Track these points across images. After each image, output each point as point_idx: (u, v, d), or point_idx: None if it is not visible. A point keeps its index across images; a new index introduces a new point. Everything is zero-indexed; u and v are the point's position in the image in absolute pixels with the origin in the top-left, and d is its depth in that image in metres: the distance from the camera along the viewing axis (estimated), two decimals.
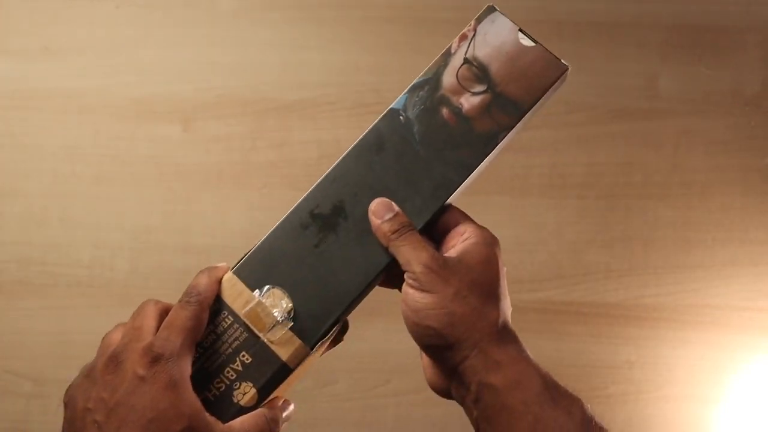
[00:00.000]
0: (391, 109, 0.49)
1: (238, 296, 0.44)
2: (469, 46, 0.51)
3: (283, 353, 0.43)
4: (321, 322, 0.46)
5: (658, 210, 0.68)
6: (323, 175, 0.47)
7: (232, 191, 0.68)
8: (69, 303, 0.69)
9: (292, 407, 0.45)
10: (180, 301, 0.43)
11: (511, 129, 0.49)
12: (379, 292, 0.71)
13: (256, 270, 0.46)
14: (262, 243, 0.47)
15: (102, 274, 0.69)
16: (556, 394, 0.44)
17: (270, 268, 0.46)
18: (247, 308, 0.43)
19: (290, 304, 0.45)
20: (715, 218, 0.68)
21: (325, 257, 0.47)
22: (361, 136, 0.48)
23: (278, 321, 0.43)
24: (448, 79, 0.50)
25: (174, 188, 0.68)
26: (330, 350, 0.48)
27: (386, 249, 0.45)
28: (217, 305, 0.44)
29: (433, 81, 0.50)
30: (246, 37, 0.67)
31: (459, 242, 0.46)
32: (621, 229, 0.68)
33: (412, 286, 0.43)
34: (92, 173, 0.68)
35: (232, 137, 0.68)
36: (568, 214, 0.68)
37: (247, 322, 0.43)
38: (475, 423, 0.44)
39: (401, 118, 0.49)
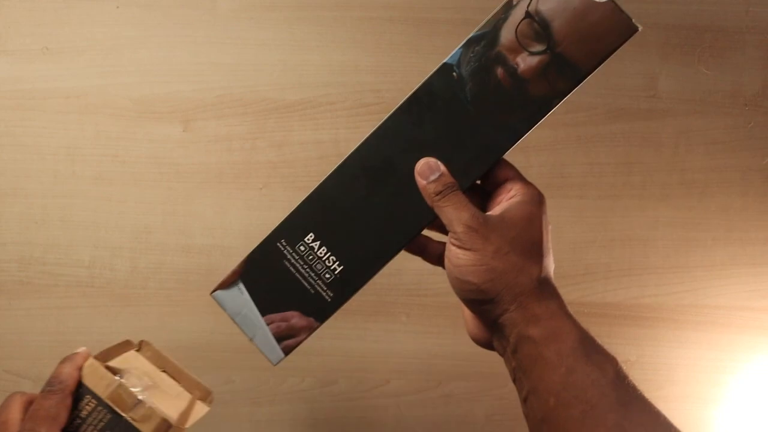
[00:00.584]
0: (444, 63, 0.47)
1: (100, 380, 0.46)
2: (527, 3, 0.46)
3: (147, 428, 0.45)
4: (364, 274, 0.49)
5: (658, 210, 0.68)
6: (374, 128, 0.48)
7: (232, 191, 0.68)
8: (69, 303, 0.69)
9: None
10: (42, 391, 0.45)
11: (567, 95, 0.46)
12: (378, 293, 0.71)
13: (307, 216, 0.49)
14: (313, 192, 0.49)
15: (102, 274, 0.69)
16: (591, 350, 0.45)
17: (321, 216, 0.49)
18: (110, 390, 0.45)
19: (144, 384, 0.48)
20: (715, 218, 0.68)
21: (373, 209, 0.48)
22: (413, 91, 0.47)
23: (139, 399, 0.45)
24: (507, 34, 0.47)
25: (174, 188, 0.68)
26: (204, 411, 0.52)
27: (431, 207, 0.46)
28: (80, 391, 0.46)
29: (490, 35, 0.46)
30: (246, 37, 0.67)
31: (505, 199, 0.46)
32: (621, 229, 0.68)
33: (454, 244, 0.44)
34: (92, 173, 0.68)
35: (232, 137, 0.68)
36: (568, 214, 0.68)
37: (110, 403, 0.45)
38: (513, 373, 0.45)
39: (454, 74, 0.47)
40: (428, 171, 0.46)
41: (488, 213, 0.46)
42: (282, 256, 0.50)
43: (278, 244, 0.50)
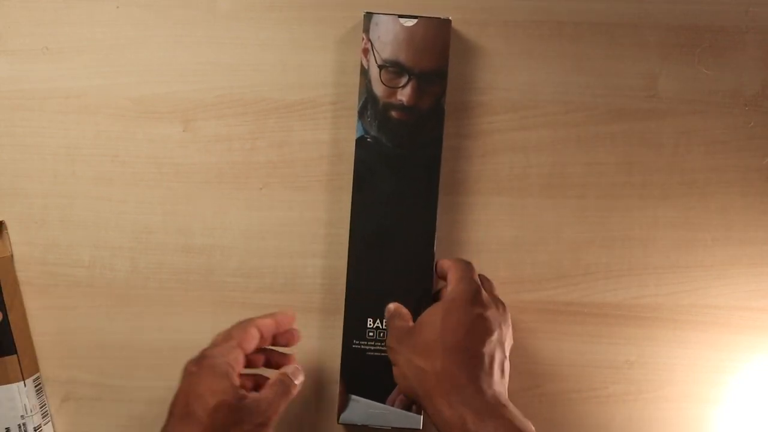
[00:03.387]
0: (358, 138, 0.60)
1: None
2: (375, 55, 0.59)
3: None
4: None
5: (658, 210, 0.68)
6: (351, 208, 0.61)
7: (232, 191, 0.68)
8: (69, 303, 0.69)
9: (301, 377, 0.58)
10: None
11: (445, 91, 0.60)
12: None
13: (357, 308, 0.61)
14: (348, 285, 0.61)
15: (102, 274, 0.69)
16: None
17: (366, 299, 0.61)
18: None
19: None
20: (715, 218, 0.68)
21: (394, 266, 0.60)
22: (353, 171, 0.60)
23: None
24: (378, 89, 0.59)
25: (174, 188, 0.68)
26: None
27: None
28: None
29: (370, 99, 0.59)
30: (246, 38, 0.67)
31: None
32: (621, 229, 0.68)
33: (391, 363, 0.56)
34: (92, 173, 0.68)
35: (232, 137, 0.68)
36: (568, 214, 0.68)
37: None
38: None
39: (368, 139, 0.59)
40: (386, 313, 0.59)
41: (408, 326, 0.56)
42: (361, 352, 0.60)
43: (353, 346, 0.60)
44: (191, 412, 0.50)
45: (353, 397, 0.60)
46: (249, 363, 0.58)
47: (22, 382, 0.67)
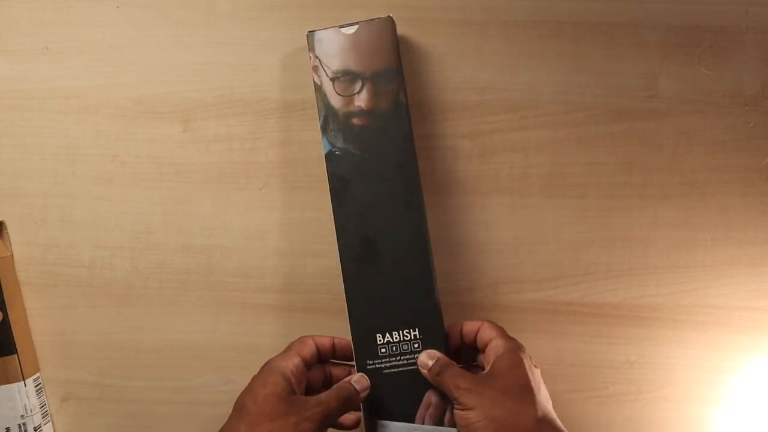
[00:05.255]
0: (326, 154, 0.59)
1: None
2: (324, 70, 0.59)
3: None
4: (431, 311, 0.58)
5: (658, 210, 0.68)
6: (335, 228, 0.59)
7: (232, 191, 0.68)
8: (69, 303, 0.69)
9: (366, 384, 0.58)
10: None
11: (404, 87, 0.59)
12: None
13: (363, 327, 0.59)
14: (348, 303, 0.59)
15: (102, 274, 0.69)
16: None
17: (370, 314, 0.58)
18: None
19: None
20: (715, 218, 0.68)
21: (389, 269, 0.58)
22: (329, 189, 0.58)
23: None
24: (336, 100, 0.59)
25: (174, 188, 0.68)
26: None
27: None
28: None
29: (329, 112, 0.59)
30: (246, 37, 0.67)
31: (491, 356, 0.55)
32: (621, 229, 0.68)
33: (458, 409, 0.52)
34: (92, 173, 0.68)
35: (232, 137, 0.68)
36: (568, 214, 0.68)
37: None
38: None
39: (337, 153, 0.58)
40: (427, 359, 0.57)
41: (479, 374, 0.55)
42: (378, 371, 0.58)
43: (368, 367, 0.58)
44: (243, 405, 0.53)
45: (381, 422, 0.58)
46: (312, 379, 0.59)
47: (22, 382, 0.67)
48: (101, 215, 0.69)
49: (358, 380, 0.57)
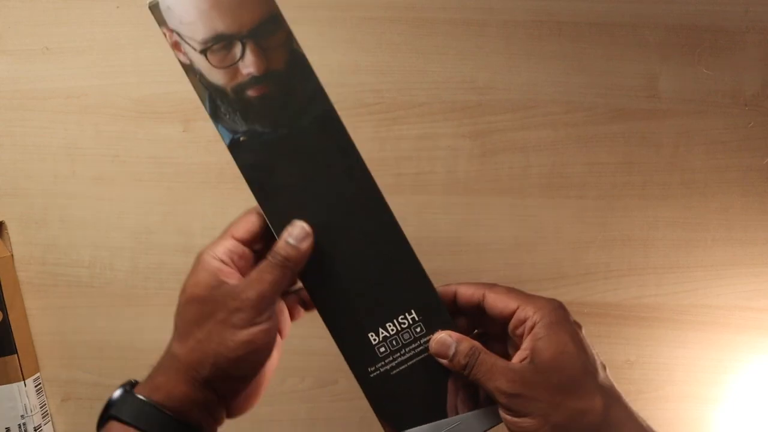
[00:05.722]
0: (229, 145, 0.46)
1: None
2: (188, 44, 0.47)
3: None
4: (425, 290, 0.47)
5: (658, 210, 0.68)
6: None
7: (232, 191, 0.68)
8: (69, 303, 0.69)
9: (301, 228, 0.45)
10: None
11: (292, 34, 0.47)
12: None
13: (351, 328, 0.48)
14: (323, 302, 0.48)
15: (102, 274, 0.69)
16: None
17: (356, 309, 0.47)
18: None
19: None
20: (715, 218, 0.68)
21: (366, 249, 0.47)
22: (248, 184, 0.46)
23: None
24: (217, 75, 0.47)
25: (174, 188, 0.68)
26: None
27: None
28: None
29: (215, 93, 0.46)
30: None
31: (527, 335, 0.44)
32: (621, 229, 0.68)
33: (508, 414, 0.43)
34: (92, 173, 0.68)
35: None
36: (568, 214, 0.68)
37: None
38: None
39: (242, 138, 0.46)
40: (444, 348, 0.46)
41: (520, 363, 0.43)
42: (385, 377, 0.47)
43: (371, 375, 0.47)
44: (174, 324, 0.45)
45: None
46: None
47: (22, 382, 0.67)
48: (101, 215, 0.69)
49: (291, 231, 0.44)
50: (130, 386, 0.44)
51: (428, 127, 0.66)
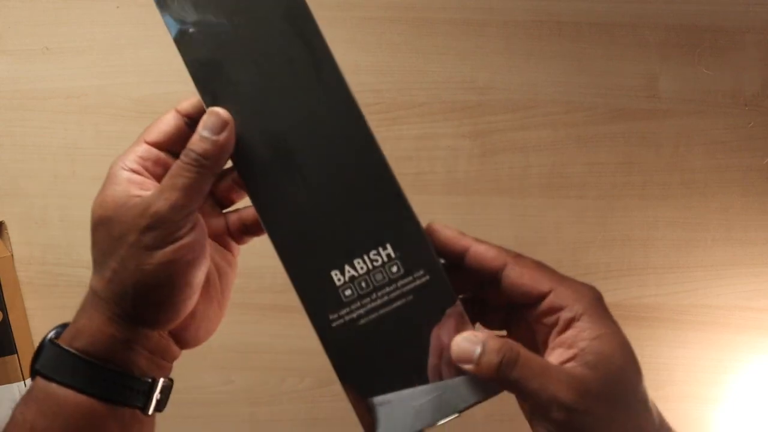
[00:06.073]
0: (175, 38, 0.39)
1: None
2: None
3: None
4: (403, 213, 0.39)
5: (658, 210, 0.68)
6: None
7: None
8: (69, 303, 0.69)
9: (219, 116, 0.37)
10: None
11: None
12: None
13: (313, 263, 0.39)
14: (276, 235, 0.39)
15: None
16: None
17: (318, 243, 0.38)
18: None
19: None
20: (715, 218, 0.68)
21: (328, 176, 0.38)
22: (194, 84, 0.39)
23: None
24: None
25: None
26: None
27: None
28: None
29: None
30: None
31: (563, 328, 0.35)
32: (621, 229, 0.68)
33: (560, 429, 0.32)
34: (92, 173, 0.68)
35: None
36: (568, 214, 0.68)
37: None
38: None
39: (192, 30, 0.39)
40: (469, 347, 0.34)
41: (579, 368, 0.33)
42: (350, 327, 0.38)
43: (333, 324, 0.38)
44: (91, 255, 0.39)
45: (377, 400, 0.38)
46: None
47: (22, 381, 0.67)
48: None
49: (206, 121, 0.37)
50: (56, 332, 0.38)
51: (428, 127, 0.66)
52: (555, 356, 0.34)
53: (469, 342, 0.34)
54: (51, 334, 0.38)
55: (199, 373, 0.70)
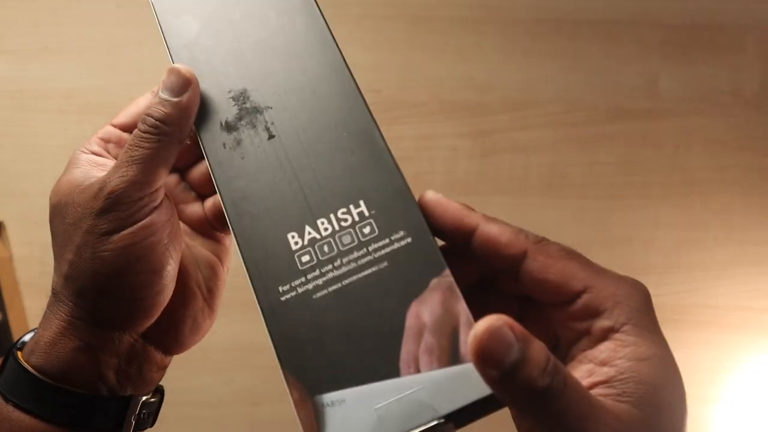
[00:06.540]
0: None
1: None
2: None
3: None
4: (382, 167, 0.32)
5: (658, 210, 0.68)
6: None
7: None
8: None
9: (185, 74, 0.34)
10: None
11: None
12: None
13: (261, 228, 0.32)
14: (230, 209, 0.32)
15: None
16: None
17: (269, 210, 0.31)
18: None
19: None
20: (715, 218, 0.68)
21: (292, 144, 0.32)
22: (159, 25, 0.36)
23: None
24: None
25: None
26: None
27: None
28: None
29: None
30: None
31: (599, 338, 0.27)
32: (621, 229, 0.68)
33: None
34: None
35: None
36: (568, 214, 0.68)
37: None
38: None
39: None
40: (504, 347, 0.22)
41: (623, 406, 0.25)
42: (303, 298, 0.29)
43: (282, 297, 0.29)
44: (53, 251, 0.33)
45: (327, 399, 0.27)
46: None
47: None
48: None
49: (165, 82, 0.34)
50: (22, 342, 0.32)
51: (428, 127, 0.66)
52: (581, 372, 0.26)
53: (503, 335, 0.22)
54: (19, 342, 0.32)
55: (199, 373, 0.70)
